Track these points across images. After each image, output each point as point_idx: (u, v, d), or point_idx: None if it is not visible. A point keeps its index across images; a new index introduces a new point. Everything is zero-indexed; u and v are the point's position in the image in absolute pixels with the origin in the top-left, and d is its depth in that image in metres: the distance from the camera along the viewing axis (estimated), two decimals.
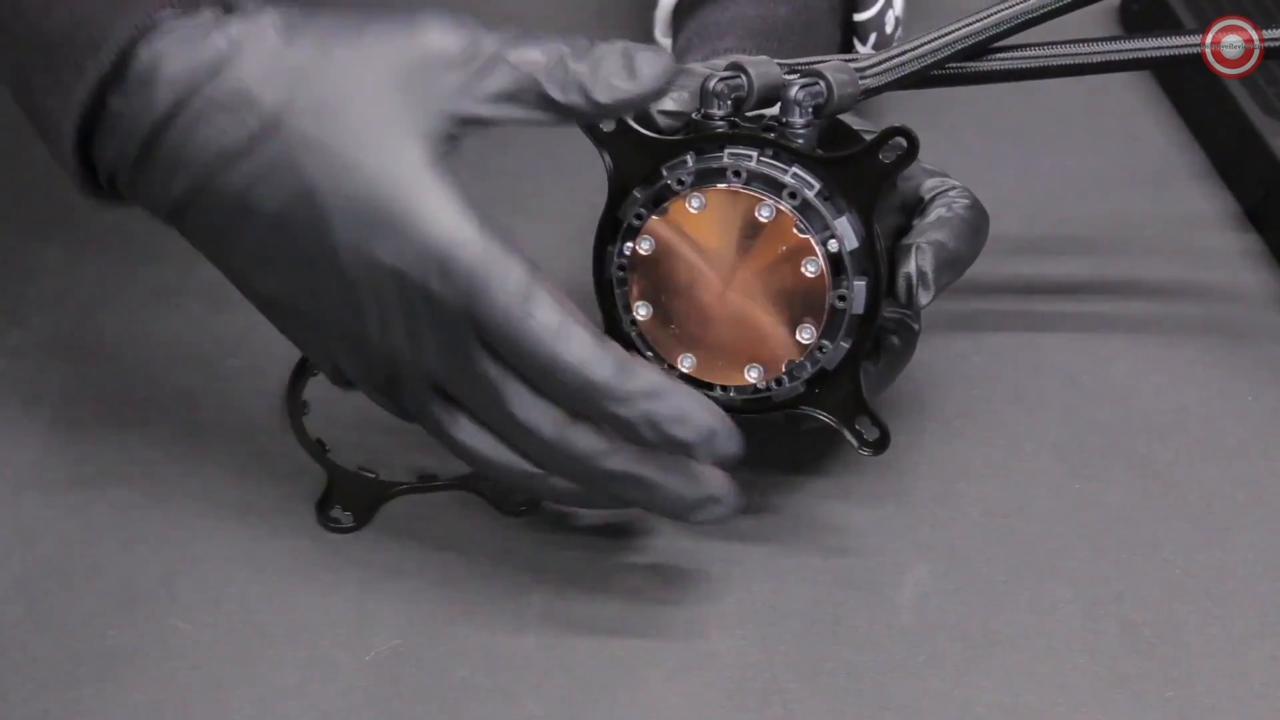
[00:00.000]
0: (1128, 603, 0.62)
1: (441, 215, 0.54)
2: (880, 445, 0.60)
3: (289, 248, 0.55)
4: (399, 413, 0.59)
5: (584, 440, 0.56)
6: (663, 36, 0.80)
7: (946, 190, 0.64)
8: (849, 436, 0.60)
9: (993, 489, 0.66)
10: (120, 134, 0.55)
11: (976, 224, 0.64)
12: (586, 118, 0.56)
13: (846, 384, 0.60)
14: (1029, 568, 0.63)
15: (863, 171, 0.58)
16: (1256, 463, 0.67)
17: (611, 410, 0.55)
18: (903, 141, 0.57)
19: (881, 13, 0.79)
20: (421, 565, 0.63)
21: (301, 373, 0.63)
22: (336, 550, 0.64)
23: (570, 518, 0.65)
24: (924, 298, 0.60)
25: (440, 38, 0.55)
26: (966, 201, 0.64)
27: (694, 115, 0.60)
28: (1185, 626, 0.61)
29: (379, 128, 0.54)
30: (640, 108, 0.57)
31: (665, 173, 0.59)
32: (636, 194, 0.60)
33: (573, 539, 0.64)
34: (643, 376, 0.55)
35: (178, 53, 0.54)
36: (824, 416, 0.61)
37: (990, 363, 0.72)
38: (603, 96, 0.55)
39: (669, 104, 0.62)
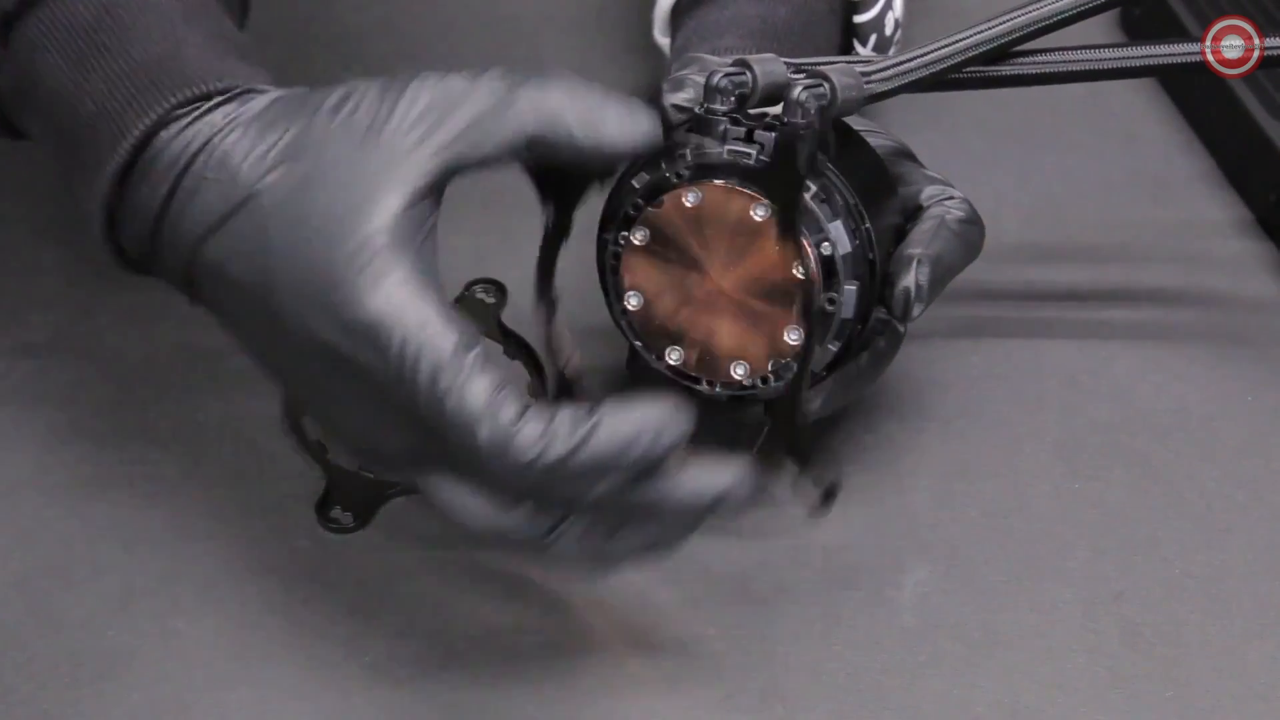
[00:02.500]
0: (1128, 603, 0.62)
1: (381, 290, 0.52)
2: (827, 497, 0.60)
3: (254, 323, 0.56)
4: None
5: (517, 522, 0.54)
6: (661, 36, 0.80)
7: (944, 199, 0.64)
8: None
9: (993, 489, 0.66)
10: (137, 220, 0.56)
11: (971, 237, 0.64)
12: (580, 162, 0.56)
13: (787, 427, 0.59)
14: (1029, 568, 0.63)
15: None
16: (1256, 463, 0.67)
17: (554, 486, 0.52)
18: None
19: (881, 15, 0.79)
20: (420, 566, 0.63)
21: None
22: (336, 551, 0.64)
23: None
24: (917, 310, 0.60)
25: (426, 99, 0.54)
26: (962, 214, 0.64)
27: (697, 109, 0.60)
28: (1185, 626, 0.61)
29: (343, 196, 0.53)
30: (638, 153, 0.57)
31: (664, 164, 0.59)
32: (634, 184, 0.60)
33: None
34: (564, 427, 0.51)
35: (178, 138, 0.55)
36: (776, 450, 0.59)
37: (990, 363, 0.72)
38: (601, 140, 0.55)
39: (681, 98, 0.62)
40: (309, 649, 0.60)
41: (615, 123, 0.56)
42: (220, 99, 0.56)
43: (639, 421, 0.52)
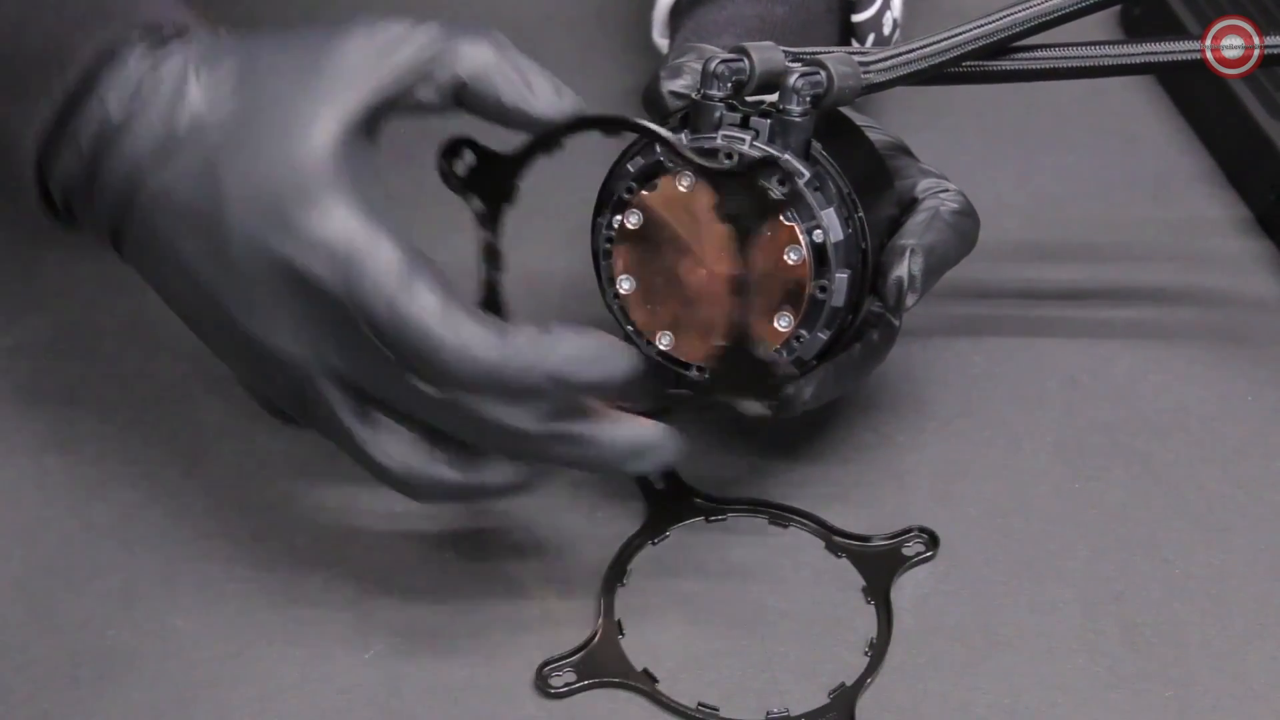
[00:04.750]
0: (1128, 603, 0.62)
1: (333, 207, 0.54)
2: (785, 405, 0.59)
3: (198, 248, 0.56)
4: (323, 432, 0.59)
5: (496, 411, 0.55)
6: (660, 36, 0.80)
7: (939, 191, 0.64)
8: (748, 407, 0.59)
9: (993, 489, 0.66)
10: (74, 152, 0.56)
11: (965, 228, 0.64)
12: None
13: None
14: (1029, 568, 0.63)
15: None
16: (1256, 463, 0.67)
17: (512, 384, 0.54)
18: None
19: (879, 13, 0.79)
20: (420, 564, 0.63)
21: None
22: (336, 549, 0.64)
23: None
24: (910, 300, 0.60)
25: (364, 35, 0.56)
26: (956, 206, 0.64)
27: (694, 95, 0.60)
28: (1185, 626, 0.61)
29: (288, 122, 0.55)
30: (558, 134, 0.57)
31: (658, 149, 0.59)
32: (629, 167, 0.60)
33: (570, 540, 0.64)
34: (525, 337, 0.54)
35: (127, 73, 0.56)
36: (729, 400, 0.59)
37: (990, 363, 0.72)
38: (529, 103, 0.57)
39: (678, 85, 0.61)
40: (309, 647, 0.60)
41: (541, 89, 0.57)
42: (171, 36, 0.57)
43: (593, 347, 0.55)
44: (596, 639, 0.60)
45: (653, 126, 0.57)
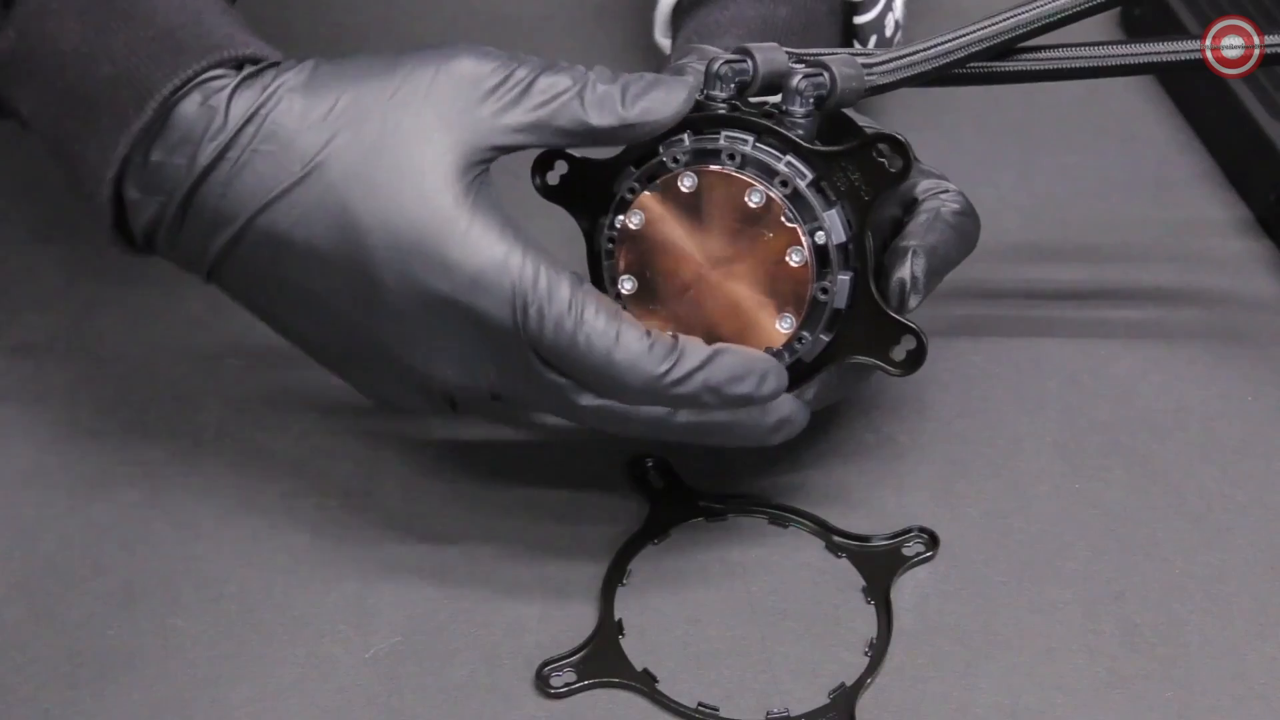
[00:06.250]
0: (1128, 603, 0.62)
1: (484, 240, 0.55)
2: (916, 359, 0.60)
3: (334, 286, 0.56)
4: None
5: (650, 410, 0.58)
6: (662, 37, 0.80)
7: (940, 192, 0.64)
8: (884, 367, 0.60)
9: (993, 489, 0.66)
10: (162, 189, 0.56)
11: (967, 228, 0.64)
12: (612, 139, 0.58)
13: (868, 314, 0.60)
14: (1029, 568, 0.63)
15: (860, 169, 0.58)
16: (1256, 463, 0.67)
17: (673, 394, 0.57)
18: (897, 159, 0.57)
19: (881, 15, 0.79)
20: (421, 563, 0.63)
21: None
22: (335, 548, 0.64)
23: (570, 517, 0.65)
24: (913, 301, 0.60)
25: (472, 68, 0.56)
26: (957, 206, 0.64)
27: (698, 96, 0.60)
28: (1185, 626, 0.61)
29: (416, 160, 0.55)
30: (665, 128, 0.58)
31: (661, 150, 0.59)
32: (632, 168, 0.60)
33: (570, 540, 0.64)
34: (691, 355, 0.57)
35: (218, 107, 0.55)
36: (859, 359, 0.60)
37: (990, 363, 0.72)
38: (633, 115, 0.56)
39: None
40: (309, 647, 0.60)
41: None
42: (252, 68, 0.56)
43: (750, 363, 0.58)
44: (596, 639, 0.60)
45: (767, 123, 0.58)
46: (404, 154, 0.55)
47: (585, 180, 0.61)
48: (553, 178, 0.61)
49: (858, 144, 0.58)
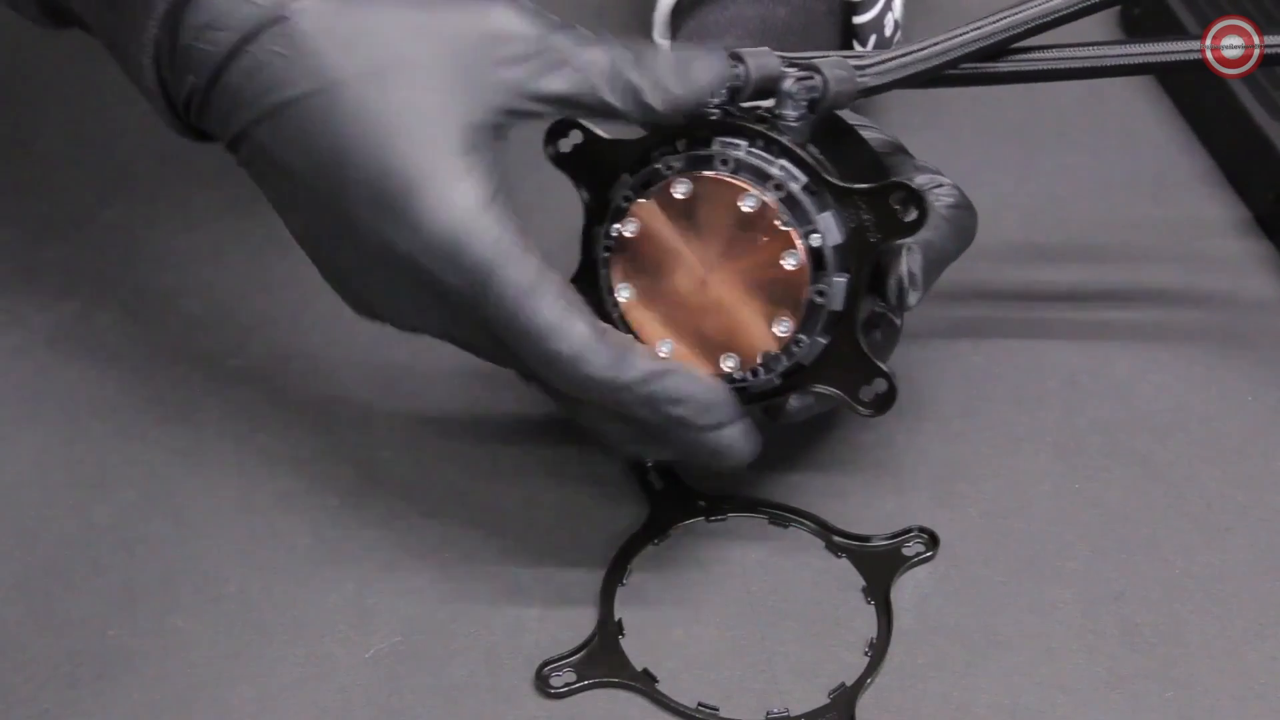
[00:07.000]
0: (1128, 603, 0.62)
1: (458, 205, 0.54)
2: (885, 402, 0.59)
3: (313, 207, 0.56)
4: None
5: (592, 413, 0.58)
6: (661, 37, 0.80)
7: (934, 187, 0.64)
8: (853, 405, 0.60)
9: (993, 489, 0.66)
10: (191, 68, 0.55)
11: (963, 221, 0.64)
12: (637, 121, 0.57)
13: (845, 351, 0.59)
14: (1029, 568, 0.63)
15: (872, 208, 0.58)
16: (1256, 463, 0.67)
17: (611, 397, 0.56)
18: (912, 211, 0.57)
19: (881, 15, 0.79)
20: (421, 563, 0.63)
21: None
22: (335, 548, 0.64)
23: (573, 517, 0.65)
24: (912, 298, 0.60)
25: (510, 25, 0.55)
26: (951, 200, 0.64)
27: None
28: (1185, 626, 0.61)
29: (424, 105, 0.54)
30: (692, 112, 0.57)
31: (655, 157, 0.59)
32: (626, 176, 0.60)
33: (570, 540, 0.64)
34: (638, 365, 0.56)
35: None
36: (824, 390, 0.60)
37: (990, 363, 0.72)
38: (656, 102, 0.56)
39: None
40: (309, 647, 0.60)
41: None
42: None
43: (701, 390, 0.57)
44: (596, 639, 0.60)
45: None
46: (411, 95, 0.54)
47: (595, 154, 0.61)
48: (565, 145, 0.61)
49: (878, 187, 0.58)
